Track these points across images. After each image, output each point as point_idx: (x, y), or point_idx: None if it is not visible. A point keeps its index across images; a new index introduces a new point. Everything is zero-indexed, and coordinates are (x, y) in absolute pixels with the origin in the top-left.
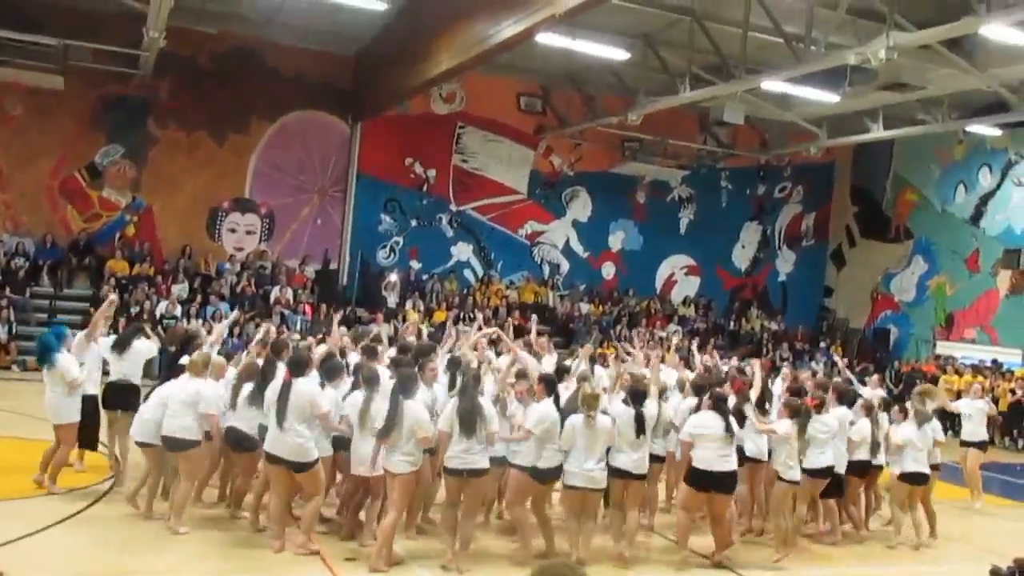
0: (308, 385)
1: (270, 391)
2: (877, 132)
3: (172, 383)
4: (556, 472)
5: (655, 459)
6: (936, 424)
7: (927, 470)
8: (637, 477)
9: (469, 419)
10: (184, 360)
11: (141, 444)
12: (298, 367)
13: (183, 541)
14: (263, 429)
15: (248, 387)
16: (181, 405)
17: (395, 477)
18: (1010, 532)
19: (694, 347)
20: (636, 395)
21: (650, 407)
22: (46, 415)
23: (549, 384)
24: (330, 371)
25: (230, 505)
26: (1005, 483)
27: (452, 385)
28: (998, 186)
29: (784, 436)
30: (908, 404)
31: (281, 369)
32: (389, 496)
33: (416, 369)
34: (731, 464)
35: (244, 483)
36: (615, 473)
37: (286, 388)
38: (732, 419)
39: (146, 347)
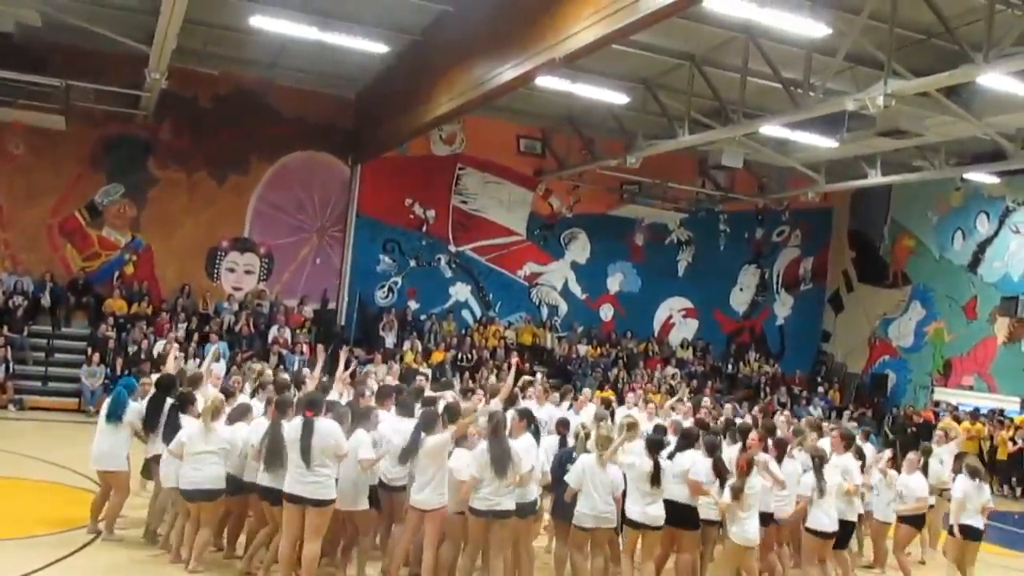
0: (331, 424)
1: (288, 432)
2: (875, 178)
3: (189, 431)
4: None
5: None
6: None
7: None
8: (652, 528)
9: (502, 462)
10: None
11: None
12: (315, 406)
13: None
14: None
15: None
16: (214, 455)
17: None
18: None
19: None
20: (654, 445)
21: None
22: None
23: (527, 417)
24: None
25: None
26: (1004, 533)
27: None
28: (996, 233)
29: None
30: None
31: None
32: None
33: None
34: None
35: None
36: (629, 524)
37: (308, 427)
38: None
39: None
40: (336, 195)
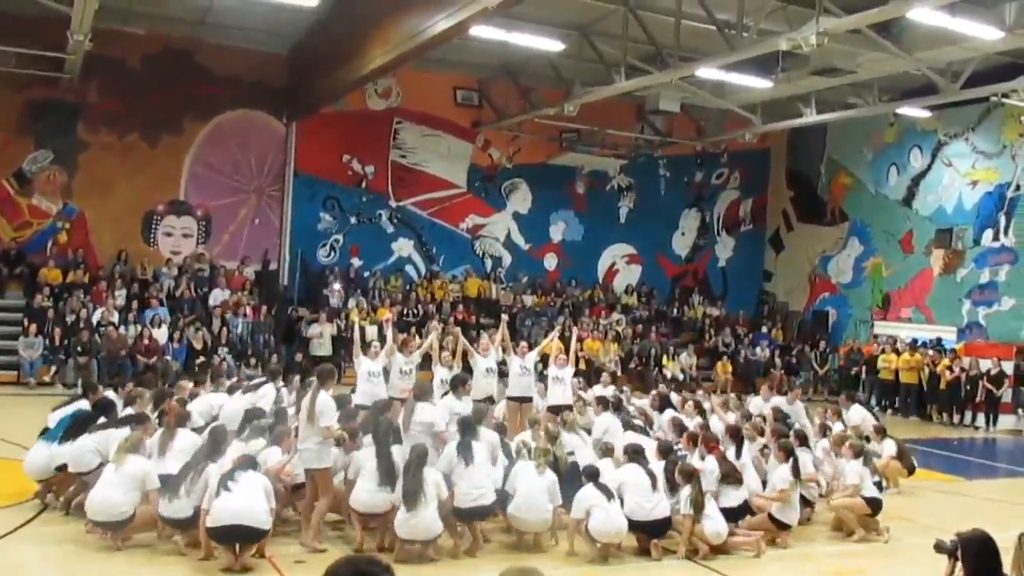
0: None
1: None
2: (810, 117)
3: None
4: None
5: None
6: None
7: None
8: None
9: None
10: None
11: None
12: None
13: (125, 554)
14: None
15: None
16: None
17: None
18: (951, 507)
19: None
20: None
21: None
22: None
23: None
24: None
25: None
26: (945, 458)
27: None
28: (928, 167)
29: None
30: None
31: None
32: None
33: None
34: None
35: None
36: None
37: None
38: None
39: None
40: (272, 154)
